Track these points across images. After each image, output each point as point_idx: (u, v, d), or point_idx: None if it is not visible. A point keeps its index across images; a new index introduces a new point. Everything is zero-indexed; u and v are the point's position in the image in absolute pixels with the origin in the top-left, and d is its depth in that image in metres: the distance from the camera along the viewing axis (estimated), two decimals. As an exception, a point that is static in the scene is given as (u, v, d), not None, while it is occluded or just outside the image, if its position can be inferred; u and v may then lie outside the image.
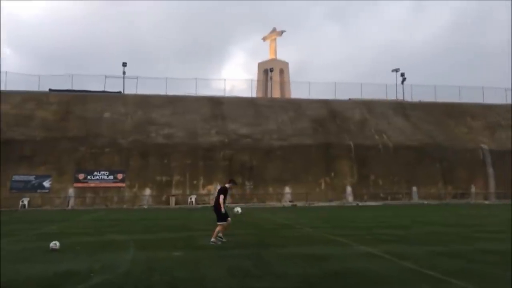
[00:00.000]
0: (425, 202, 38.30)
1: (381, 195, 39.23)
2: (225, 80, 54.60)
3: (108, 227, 16.12)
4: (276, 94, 55.61)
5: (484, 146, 43.05)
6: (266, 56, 63.30)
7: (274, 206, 34.43)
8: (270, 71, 46.09)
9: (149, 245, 10.81)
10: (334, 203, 36.64)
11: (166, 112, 40.79)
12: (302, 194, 37.07)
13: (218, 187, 36.06)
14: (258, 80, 56.81)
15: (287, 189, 37.50)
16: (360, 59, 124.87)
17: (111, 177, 35.89)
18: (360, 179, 39.03)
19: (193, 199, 35.37)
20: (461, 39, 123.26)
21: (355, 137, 40.89)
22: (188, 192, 36.14)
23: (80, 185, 35.41)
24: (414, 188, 39.91)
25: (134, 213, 26.58)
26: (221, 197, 10.56)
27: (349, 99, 47.93)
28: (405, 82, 49.26)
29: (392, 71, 50.51)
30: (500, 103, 49.77)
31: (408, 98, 48.64)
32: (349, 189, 38.70)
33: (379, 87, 48.68)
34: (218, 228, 10.62)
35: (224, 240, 10.63)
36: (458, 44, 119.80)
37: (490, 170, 42.01)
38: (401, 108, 46.26)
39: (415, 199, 39.41)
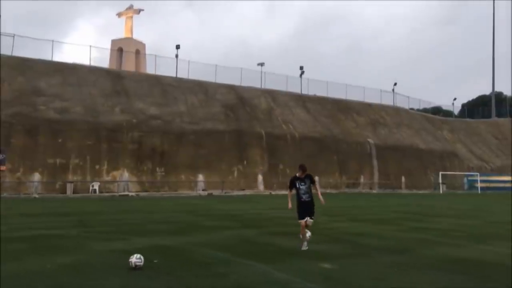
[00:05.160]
0: (327, 191, 40.23)
1: (288, 184, 39.70)
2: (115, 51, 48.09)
3: (75, 227, 11.98)
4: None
5: (370, 140, 47.40)
6: (120, 34, 57.19)
7: (190, 195, 31.68)
8: (176, 48, 42.38)
9: (243, 252, 8.00)
10: (247, 192, 35.63)
11: (54, 81, 33.79)
12: (215, 183, 35.02)
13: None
14: (110, 59, 51.27)
15: (201, 177, 34.99)
16: (215, 48, 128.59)
17: (-17, 157, 28.08)
18: (270, 168, 38.83)
19: (96, 187, 30.14)
20: (302, 42, 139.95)
21: (265, 126, 40.47)
22: (89, 178, 30.64)
23: None
24: (317, 178, 41.53)
25: (40, 203, 20.94)
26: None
27: (249, 86, 47.24)
28: (303, 76, 50.94)
29: (258, 64, 50.10)
30: (376, 102, 55.54)
31: (305, 91, 50.40)
32: (260, 177, 38.16)
33: (279, 77, 49.17)
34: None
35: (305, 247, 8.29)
36: (299, 46, 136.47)
37: (375, 162, 46.49)
38: (301, 100, 47.67)
39: (317, 188, 41.08)
